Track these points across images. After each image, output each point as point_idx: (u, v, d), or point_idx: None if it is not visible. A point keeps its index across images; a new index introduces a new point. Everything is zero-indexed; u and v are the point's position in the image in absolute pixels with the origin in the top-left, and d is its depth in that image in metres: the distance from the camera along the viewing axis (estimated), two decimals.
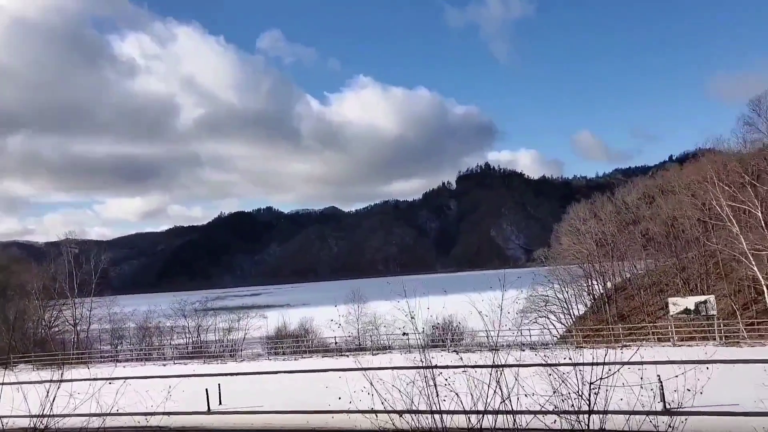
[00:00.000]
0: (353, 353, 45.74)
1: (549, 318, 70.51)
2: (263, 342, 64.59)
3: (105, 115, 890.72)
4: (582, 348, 37.45)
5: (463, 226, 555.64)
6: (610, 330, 48.24)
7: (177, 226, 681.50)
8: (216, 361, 48.39)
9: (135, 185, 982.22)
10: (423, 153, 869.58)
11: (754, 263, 45.68)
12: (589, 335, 50.56)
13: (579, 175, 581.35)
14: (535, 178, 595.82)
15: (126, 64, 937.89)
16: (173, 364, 49.31)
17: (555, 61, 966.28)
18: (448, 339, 53.29)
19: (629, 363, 8.33)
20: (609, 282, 71.73)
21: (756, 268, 45.66)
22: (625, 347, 33.28)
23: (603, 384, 7.56)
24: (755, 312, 49.24)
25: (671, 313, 39.40)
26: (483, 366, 7.96)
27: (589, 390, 7.42)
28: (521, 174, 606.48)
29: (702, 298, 39.09)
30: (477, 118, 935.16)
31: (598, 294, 72.29)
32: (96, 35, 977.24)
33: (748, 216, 50.96)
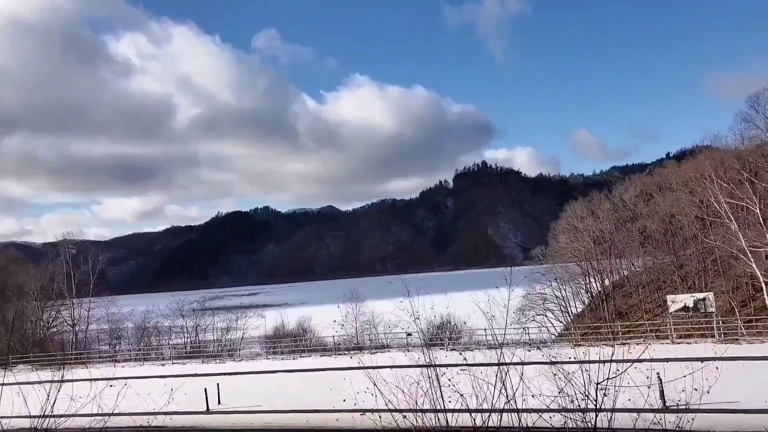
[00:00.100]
0: (352, 352, 45.73)
1: (547, 316, 70.62)
2: (261, 341, 64.63)
3: (101, 116, 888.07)
4: (580, 346, 37.55)
5: (461, 224, 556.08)
6: (608, 328, 48.27)
7: (174, 226, 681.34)
8: (214, 361, 48.33)
9: (132, 185, 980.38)
10: (420, 152, 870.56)
11: (752, 260, 45.76)
12: (587, 333, 50.59)
13: (576, 173, 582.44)
14: (532, 176, 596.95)
15: (122, 64, 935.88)
16: (172, 364, 49.23)
17: (552, 60, 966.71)
18: (446, 337, 53.35)
19: (638, 360, 8.22)
20: (607, 280, 71.71)
21: (754, 264, 45.75)
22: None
23: (610, 384, 7.32)
24: (753, 309, 49.34)
25: (670, 311, 39.42)
26: (488, 364, 7.87)
27: (596, 390, 7.22)
28: (518, 172, 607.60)
29: (701, 295, 39.09)
30: (474, 116, 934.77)
31: (595, 292, 72.31)
32: (92, 35, 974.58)
33: (746, 213, 51.04)
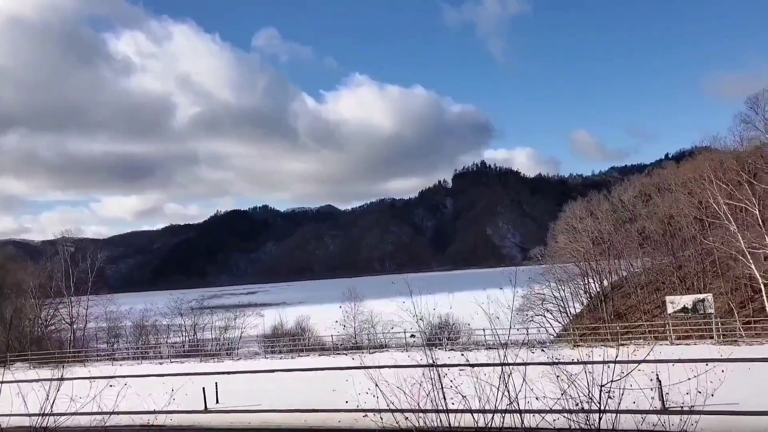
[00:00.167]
0: (350, 352, 45.71)
1: (545, 316, 70.60)
2: (260, 340, 64.57)
3: (101, 114, 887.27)
4: (579, 347, 37.56)
5: (459, 224, 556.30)
6: (607, 328, 48.28)
7: (173, 224, 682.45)
8: (213, 360, 48.29)
9: (131, 184, 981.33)
10: (419, 151, 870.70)
11: (751, 261, 45.77)
12: (586, 334, 50.60)
13: (575, 174, 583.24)
14: (531, 176, 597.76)
15: (121, 62, 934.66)
16: (170, 362, 49.16)
17: (552, 59, 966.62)
18: (444, 337, 53.32)
19: (644, 362, 8.14)
20: (605, 280, 71.73)
21: (753, 266, 45.75)
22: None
23: (614, 386, 7.17)
24: (752, 310, 49.37)
25: (669, 312, 39.42)
26: (491, 364, 7.80)
27: (600, 392, 7.09)
28: (517, 172, 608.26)
29: (700, 296, 39.12)
30: (473, 116, 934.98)
31: (594, 292, 72.29)
32: (91, 33, 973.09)
33: (745, 214, 51.04)
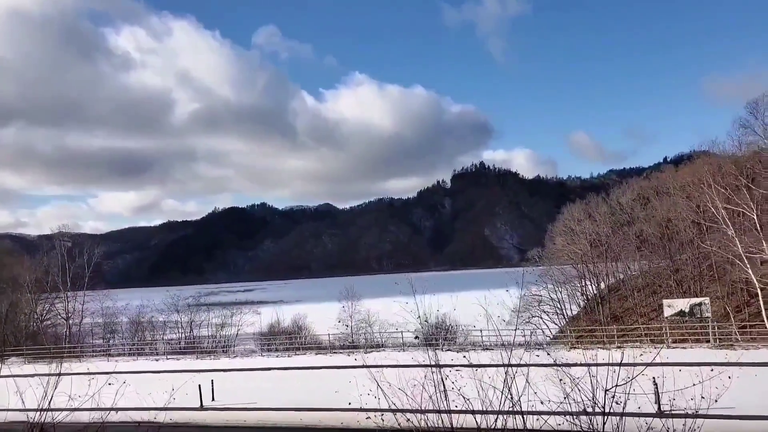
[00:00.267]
0: (347, 351, 45.65)
1: (542, 318, 70.62)
2: (256, 338, 64.44)
3: (99, 109, 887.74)
4: (575, 348, 37.52)
5: (458, 224, 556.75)
6: (603, 331, 48.30)
7: (171, 220, 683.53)
8: (209, 357, 48.16)
9: (129, 179, 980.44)
10: (418, 151, 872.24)
11: (748, 266, 45.82)
12: (583, 336, 50.62)
13: (573, 176, 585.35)
14: (530, 177, 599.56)
15: (121, 57, 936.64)
16: (166, 359, 49.02)
17: (551, 60, 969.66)
18: (442, 338, 53.21)
19: (650, 364, 8.11)
20: (603, 283, 71.79)
21: (750, 270, 45.80)
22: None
23: (618, 390, 7.08)
24: (748, 315, 49.51)
25: (666, 315, 39.47)
26: (494, 365, 7.72)
27: (605, 396, 7.01)
28: (516, 173, 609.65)
29: (697, 300, 39.19)
30: (473, 116, 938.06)
31: (591, 295, 72.35)
32: (91, 28, 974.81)
33: (742, 219, 51.11)
